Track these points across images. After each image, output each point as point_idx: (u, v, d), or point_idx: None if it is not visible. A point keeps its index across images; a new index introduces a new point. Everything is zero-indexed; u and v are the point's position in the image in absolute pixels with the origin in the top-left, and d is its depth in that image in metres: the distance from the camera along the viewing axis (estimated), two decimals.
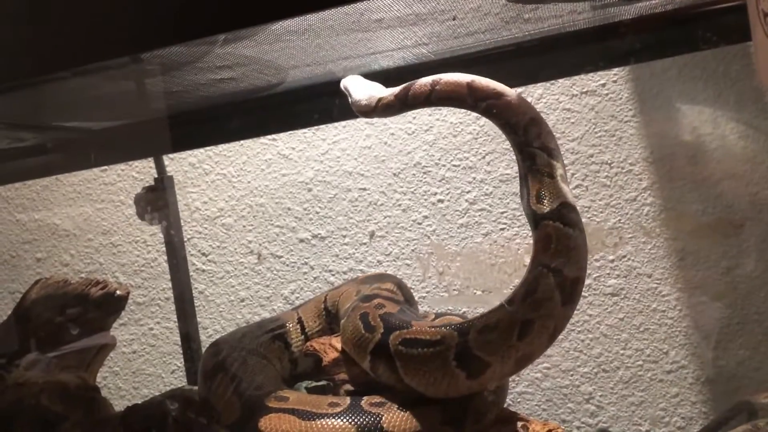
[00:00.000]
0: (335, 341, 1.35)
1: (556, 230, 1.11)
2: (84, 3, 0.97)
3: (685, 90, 1.75)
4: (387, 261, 2.02)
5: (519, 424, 1.21)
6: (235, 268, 2.18)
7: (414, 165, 1.98)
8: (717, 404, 1.76)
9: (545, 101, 1.86)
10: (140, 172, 2.24)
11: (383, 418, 1.12)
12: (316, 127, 2.04)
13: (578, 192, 1.83)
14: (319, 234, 2.08)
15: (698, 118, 1.75)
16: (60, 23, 0.99)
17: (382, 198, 2.02)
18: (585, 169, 1.84)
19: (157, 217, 1.85)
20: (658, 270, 1.79)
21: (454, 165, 1.95)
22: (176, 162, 2.18)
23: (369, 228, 2.03)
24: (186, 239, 2.05)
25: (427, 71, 1.25)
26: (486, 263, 1.92)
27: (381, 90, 1.31)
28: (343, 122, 1.95)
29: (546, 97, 1.86)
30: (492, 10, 1.26)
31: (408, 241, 2.00)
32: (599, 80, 1.82)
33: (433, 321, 1.31)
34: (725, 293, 1.74)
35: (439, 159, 1.96)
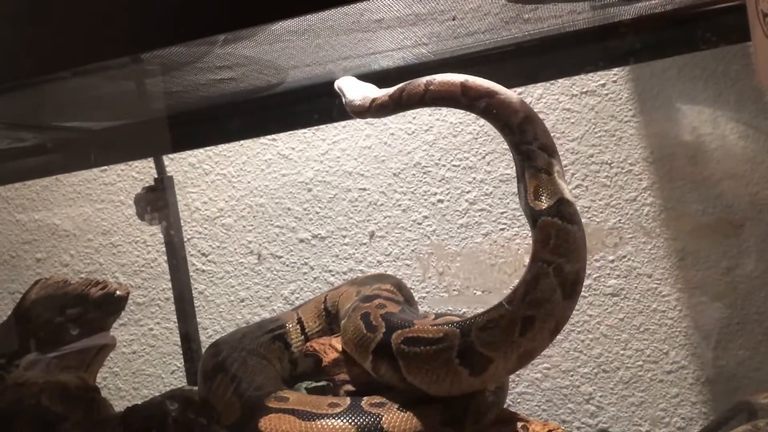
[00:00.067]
0: (335, 342, 1.35)
1: (555, 226, 1.11)
2: (84, 3, 0.97)
3: (685, 90, 1.75)
4: (387, 261, 2.01)
5: (519, 425, 1.21)
6: (235, 269, 2.18)
7: (414, 165, 1.98)
8: (717, 404, 1.76)
9: (545, 101, 1.86)
10: (140, 173, 2.24)
11: (383, 419, 1.12)
12: (316, 128, 2.04)
13: (578, 192, 1.83)
14: (319, 234, 2.08)
15: (698, 118, 1.75)
16: (60, 23, 0.99)
17: (382, 198, 2.02)
18: (585, 169, 1.84)
19: (157, 218, 1.85)
20: (658, 270, 1.79)
21: (454, 165, 1.95)
22: (176, 162, 2.18)
23: (369, 228, 2.03)
24: (186, 239, 2.05)
25: (427, 71, 1.25)
26: (486, 263, 1.92)
27: (375, 91, 1.32)
28: (343, 122, 1.95)
29: (546, 97, 1.86)
30: (492, 10, 1.26)
31: (408, 242, 2.00)
32: (599, 80, 1.82)
33: (434, 321, 1.31)
34: (725, 293, 1.74)
35: (439, 159, 1.96)
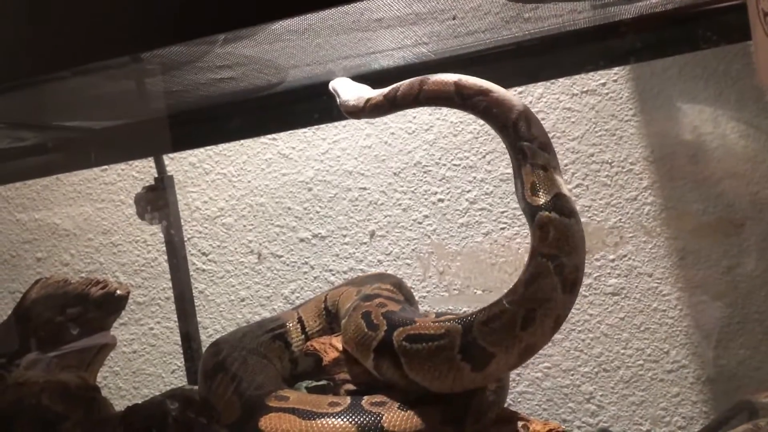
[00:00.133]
0: (335, 341, 1.35)
1: (553, 221, 1.11)
2: (84, 3, 0.97)
3: (686, 89, 1.75)
4: (387, 260, 2.01)
5: (519, 424, 1.21)
6: (236, 268, 2.18)
7: (414, 164, 1.98)
8: (718, 404, 1.76)
9: (545, 100, 1.85)
10: (140, 172, 2.24)
11: (384, 418, 1.12)
12: (317, 127, 2.04)
13: (579, 191, 1.83)
14: (320, 233, 2.08)
15: (699, 118, 1.75)
16: (60, 23, 0.99)
17: (383, 197, 2.01)
18: (585, 169, 1.83)
19: (158, 217, 1.85)
20: (659, 269, 1.79)
21: (455, 164, 1.94)
22: (176, 161, 2.18)
23: (369, 227, 2.03)
24: (186, 239, 2.05)
25: (428, 71, 1.26)
26: (486, 263, 1.92)
27: (369, 91, 1.32)
28: (343, 122, 1.95)
29: (546, 97, 1.85)
30: (492, 10, 1.26)
31: (408, 241, 1.99)
32: (600, 79, 1.82)
33: (436, 319, 1.31)
34: (726, 292, 1.74)
35: (440, 158, 1.96)
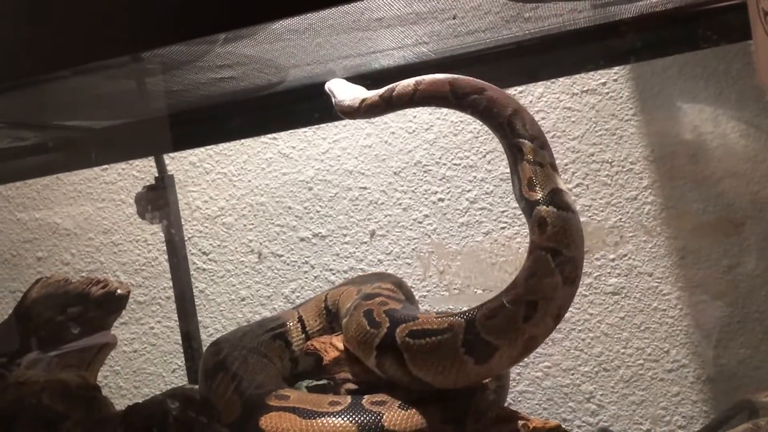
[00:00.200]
0: (336, 340, 1.35)
1: (551, 214, 1.13)
2: (84, 3, 0.97)
3: (686, 88, 1.75)
4: (388, 260, 2.01)
5: (519, 423, 1.21)
6: (236, 267, 2.18)
7: (414, 164, 1.98)
8: (718, 403, 1.76)
9: (546, 100, 1.85)
10: (141, 171, 2.24)
11: (384, 417, 1.12)
12: (317, 126, 2.04)
13: (579, 191, 1.83)
14: (320, 233, 2.08)
15: (699, 117, 1.75)
16: (60, 23, 0.99)
17: (383, 197, 2.02)
18: (585, 168, 1.83)
19: (158, 216, 1.85)
20: (659, 269, 1.79)
21: (455, 164, 1.95)
22: (177, 161, 2.18)
23: (370, 227, 2.03)
24: (186, 238, 2.05)
25: (428, 70, 1.26)
26: (487, 262, 1.92)
27: (364, 92, 1.33)
28: (344, 121, 1.95)
29: (546, 96, 1.85)
30: (492, 9, 1.26)
31: (409, 240, 2.00)
32: (600, 79, 1.82)
33: (438, 315, 1.31)
34: (726, 292, 1.74)
35: (440, 158, 1.96)
